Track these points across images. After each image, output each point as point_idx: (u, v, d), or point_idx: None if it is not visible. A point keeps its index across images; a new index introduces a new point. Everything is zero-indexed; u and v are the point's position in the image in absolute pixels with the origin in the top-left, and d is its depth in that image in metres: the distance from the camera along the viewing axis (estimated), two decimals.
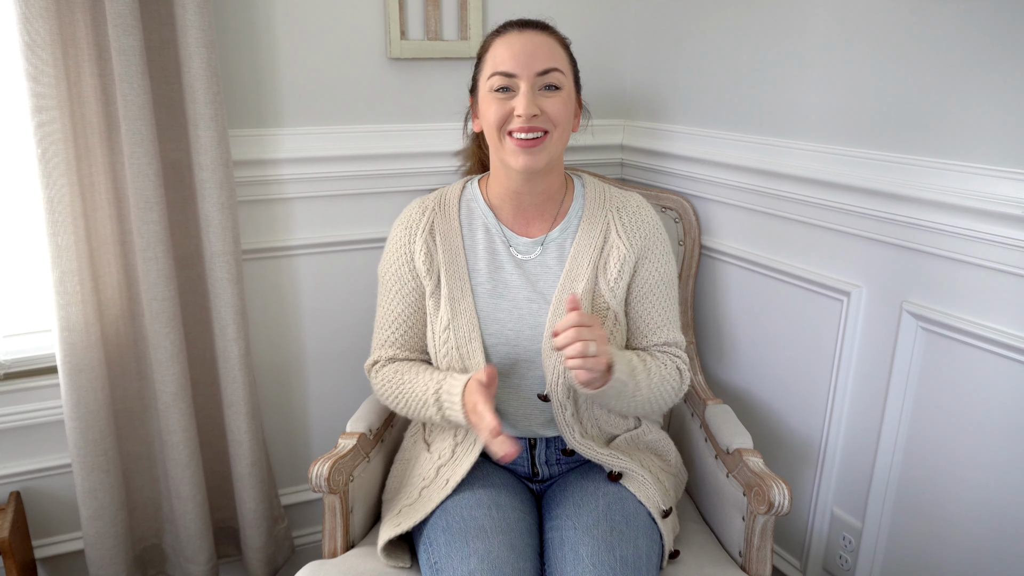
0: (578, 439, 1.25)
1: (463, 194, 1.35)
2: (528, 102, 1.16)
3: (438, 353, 1.27)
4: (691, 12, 1.61)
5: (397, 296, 1.31)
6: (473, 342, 1.24)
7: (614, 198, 1.33)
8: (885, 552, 1.39)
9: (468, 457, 1.25)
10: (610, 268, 1.26)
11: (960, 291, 1.19)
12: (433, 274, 1.28)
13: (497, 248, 1.29)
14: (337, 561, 1.23)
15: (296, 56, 1.54)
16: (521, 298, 1.26)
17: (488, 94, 1.20)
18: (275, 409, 1.72)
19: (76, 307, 1.37)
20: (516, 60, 1.17)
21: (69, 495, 1.58)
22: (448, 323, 1.25)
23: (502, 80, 1.18)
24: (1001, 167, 1.09)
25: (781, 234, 1.48)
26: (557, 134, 1.20)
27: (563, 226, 1.30)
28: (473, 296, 1.26)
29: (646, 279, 1.28)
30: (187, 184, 1.46)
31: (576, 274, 1.26)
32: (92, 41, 1.32)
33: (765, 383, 1.57)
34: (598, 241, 1.28)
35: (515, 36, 1.19)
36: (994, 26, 1.08)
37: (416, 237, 1.29)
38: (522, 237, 1.30)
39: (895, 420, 1.32)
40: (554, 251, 1.29)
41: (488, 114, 1.20)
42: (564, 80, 1.20)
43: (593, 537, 1.12)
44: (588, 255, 1.27)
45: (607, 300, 1.26)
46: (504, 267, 1.28)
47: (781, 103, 1.43)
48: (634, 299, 1.28)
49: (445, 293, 1.27)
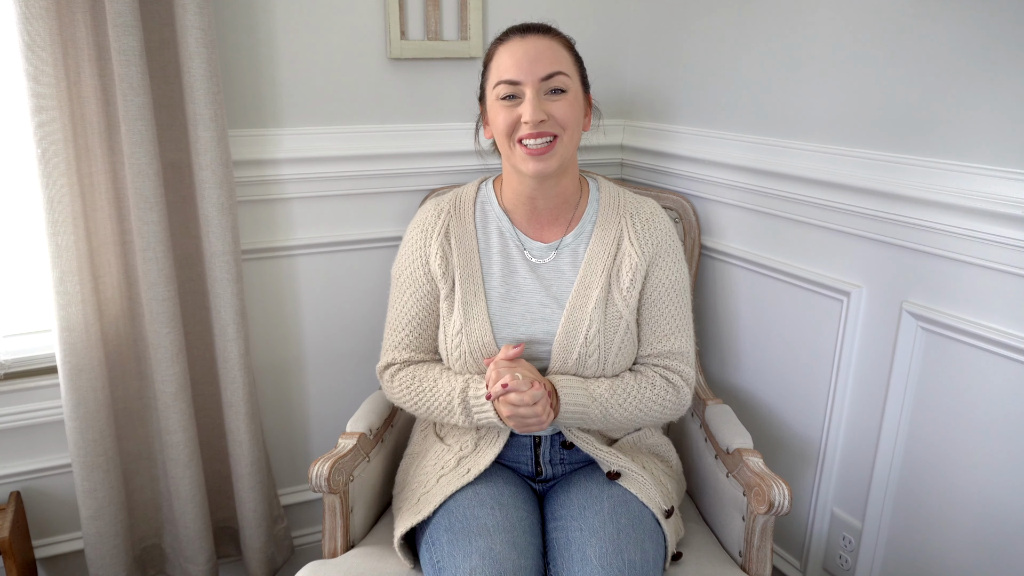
0: (576, 432, 1.26)
1: (478, 196, 1.35)
2: (534, 108, 1.17)
3: (451, 356, 1.28)
4: (691, 12, 1.61)
5: (412, 298, 1.32)
6: (486, 347, 1.25)
7: (628, 204, 1.32)
8: (885, 552, 1.39)
9: (492, 449, 1.26)
10: (623, 276, 1.27)
11: (960, 291, 1.19)
12: (448, 277, 1.29)
13: (511, 252, 1.30)
14: (337, 561, 1.23)
15: (296, 56, 1.54)
16: (534, 302, 1.27)
17: (495, 103, 1.21)
18: (275, 409, 1.72)
19: (76, 307, 1.37)
20: (519, 67, 1.18)
21: (69, 495, 1.58)
22: (461, 327, 1.26)
23: (507, 88, 1.19)
24: (1001, 167, 1.09)
25: (781, 234, 1.48)
26: (567, 137, 1.20)
27: (577, 231, 1.30)
28: (486, 300, 1.27)
29: (656, 285, 1.28)
30: (187, 184, 1.46)
31: (590, 281, 1.27)
32: (92, 41, 1.32)
33: (765, 383, 1.57)
34: (611, 248, 1.28)
35: (517, 43, 1.20)
36: (994, 26, 1.08)
37: (432, 240, 1.30)
38: (536, 241, 1.30)
39: (895, 420, 1.32)
40: (568, 256, 1.29)
41: (497, 122, 1.21)
42: (569, 82, 1.20)
43: (600, 539, 1.12)
44: (602, 262, 1.27)
45: (620, 309, 1.26)
46: (518, 271, 1.29)
47: (781, 103, 1.43)
48: (644, 305, 1.29)
49: (459, 297, 1.27)
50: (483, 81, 1.27)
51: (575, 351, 1.23)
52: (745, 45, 1.49)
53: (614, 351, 1.25)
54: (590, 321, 1.24)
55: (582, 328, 1.24)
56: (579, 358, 1.23)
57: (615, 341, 1.25)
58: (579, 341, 1.23)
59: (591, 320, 1.24)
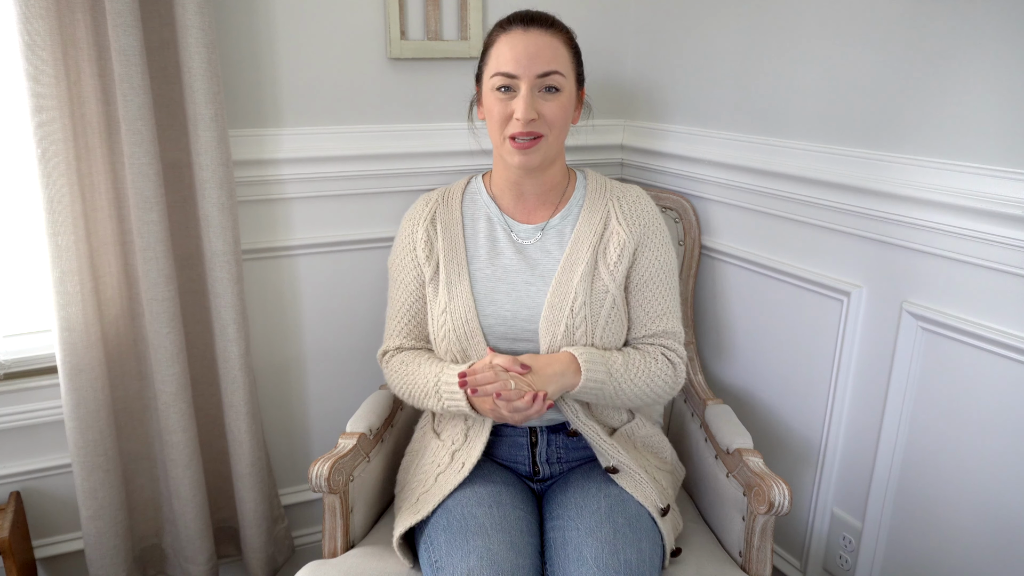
0: (583, 419, 1.27)
1: (467, 188, 1.40)
2: (527, 106, 1.20)
3: (437, 336, 1.31)
4: (691, 12, 1.61)
5: (403, 287, 1.35)
6: (470, 323, 1.27)
7: (615, 188, 1.37)
8: (885, 552, 1.39)
9: (480, 438, 1.27)
10: (610, 252, 1.29)
11: (960, 291, 1.19)
12: (432, 261, 1.32)
13: (498, 235, 1.33)
14: (337, 561, 1.23)
15: (296, 56, 1.54)
16: (519, 281, 1.29)
17: (491, 91, 1.25)
18: (275, 409, 1.72)
19: (76, 307, 1.37)
20: (518, 62, 1.21)
21: (69, 495, 1.58)
22: (445, 306, 1.29)
23: (504, 80, 1.23)
24: (1001, 167, 1.09)
25: (781, 234, 1.48)
26: (553, 136, 1.25)
27: (564, 213, 1.34)
28: (471, 280, 1.30)
29: (646, 267, 1.30)
30: (187, 184, 1.46)
31: (576, 257, 1.29)
32: (92, 41, 1.32)
33: (765, 383, 1.57)
34: (598, 227, 1.31)
35: (519, 35, 1.23)
36: (994, 26, 1.08)
37: (419, 227, 1.35)
38: (523, 224, 1.34)
39: (895, 420, 1.32)
40: (554, 236, 1.32)
41: (492, 111, 1.25)
42: (564, 82, 1.24)
43: (597, 539, 1.12)
44: (588, 240, 1.30)
45: (607, 283, 1.28)
46: (504, 253, 1.32)
47: (781, 103, 1.43)
48: (634, 287, 1.31)
49: (443, 278, 1.31)
50: (481, 63, 1.30)
51: (562, 323, 1.24)
52: (745, 45, 1.49)
53: (601, 324, 1.26)
54: (575, 294, 1.26)
55: (568, 301, 1.25)
56: (567, 331, 1.24)
57: (602, 314, 1.26)
58: (565, 314, 1.25)
59: (576, 293, 1.26)
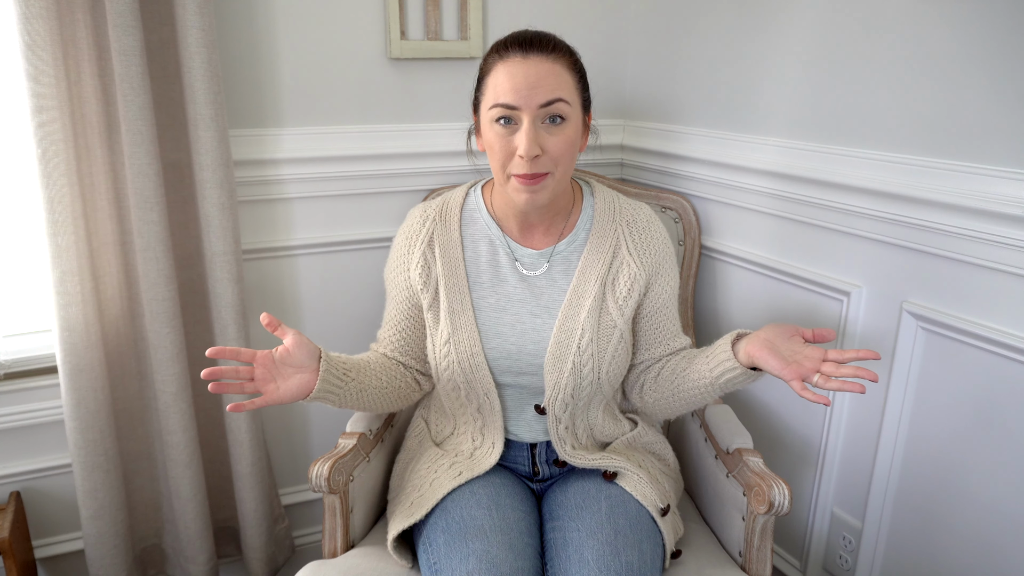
0: (569, 451, 1.26)
1: (465, 202, 1.31)
2: (530, 142, 1.10)
3: (439, 366, 1.26)
4: (691, 12, 1.61)
5: (395, 303, 1.31)
6: (475, 356, 1.23)
7: (624, 211, 1.28)
8: (885, 552, 1.39)
9: (488, 459, 1.26)
10: (619, 285, 1.24)
11: (960, 291, 1.19)
12: (430, 288, 1.25)
13: (501, 261, 1.27)
14: (337, 561, 1.23)
15: (296, 56, 1.54)
16: (524, 312, 1.24)
17: (490, 123, 1.14)
18: (275, 409, 1.72)
19: (76, 307, 1.37)
20: (518, 93, 1.10)
21: (69, 495, 1.58)
22: (448, 337, 1.24)
23: (503, 111, 1.12)
24: (1001, 167, 1.09)
25: (781, 234, 1.48)
26: (560, 172, 1.14)
27: (570, 239, 1.27)
28: (474, 310, 1.25)
29: (658, 295, 1.27)
30: (187, 184, 1.46)
31: (583, 290, 1.24)
32: (92, 41, 1.32)
33: (765, 383, 1.57)
34: (607, 257, 1.25)
35: (518, 63, 1.11)
36: (994, 26, 1.08)
37: (414, 249, 1.27)
38: (527, 248, 1.27)
39: (895, 420, 1.32)
40: (560, 265, 1.26)
41: (493, 146, 1.15)
42: (569, 110, 1.13)
43: (598, 541, 1.11)
44: (596, 271, 1.24)
45: (614, 319, 1.24)
46: (508, 280, 1.26)
47: (781, 103, 1.43)
48: (646, 315, 1.28)
49: (445, 307, 1.25)
50: (478, 93, 1.19)
51: (568, 361, 1.21)
52: (745, 45, 1.49)
53: (607, 360, 1.23)
54: (582, 330, 1.21)
55: (574, 338, 1.21)
56: (573, 368, 1.21)
57: (608, 350, 1.23)
58: (572, 351, 1.21)
59: (583, 329, 1.21)
